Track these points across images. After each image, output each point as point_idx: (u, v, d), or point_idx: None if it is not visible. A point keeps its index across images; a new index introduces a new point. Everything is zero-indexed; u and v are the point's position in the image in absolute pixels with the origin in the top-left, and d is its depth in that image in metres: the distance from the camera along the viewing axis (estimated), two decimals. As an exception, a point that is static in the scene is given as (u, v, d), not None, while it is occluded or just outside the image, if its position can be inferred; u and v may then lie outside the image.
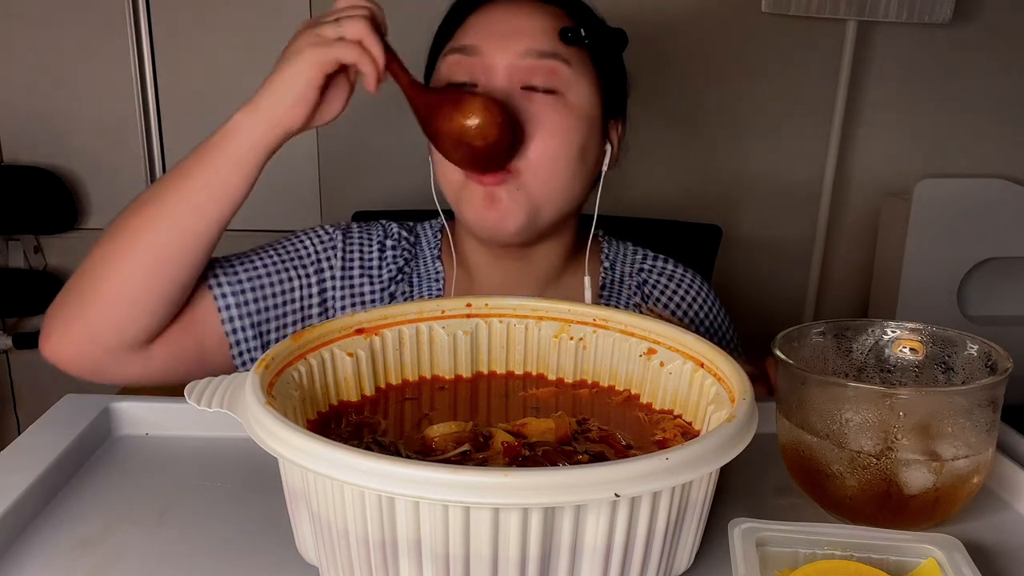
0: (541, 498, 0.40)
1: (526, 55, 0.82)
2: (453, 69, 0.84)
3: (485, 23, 0.85)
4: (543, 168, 0.83)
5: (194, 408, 0.51)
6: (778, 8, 1.78)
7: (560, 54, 0.83)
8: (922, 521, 0.56)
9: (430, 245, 0.98)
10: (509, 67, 0.82)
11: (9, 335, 1.87)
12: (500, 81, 0.82)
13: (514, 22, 0.84)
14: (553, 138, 0.82)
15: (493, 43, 0.83)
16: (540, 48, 0.83)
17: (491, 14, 0.85)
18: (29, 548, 0.52)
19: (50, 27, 1.80)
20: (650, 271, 1.00)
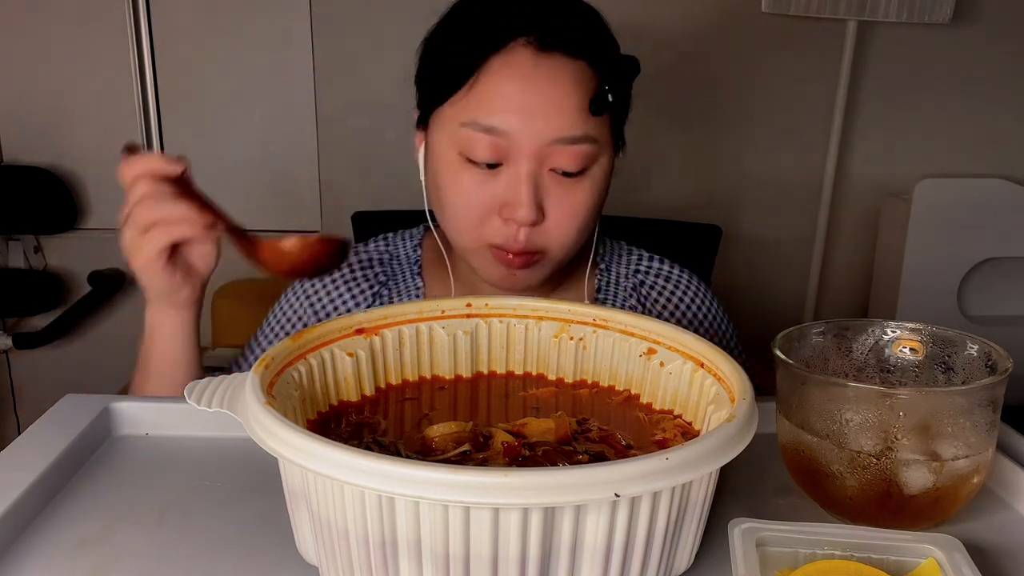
0: (541, 498, 0.40)
1: (558, 141, 0.79)
2: (477, 148, 0.79)
3: (511, 94, 0.78)
4: (564, 246, 0.84)
5: (194, 408, 0.51)
6: (778, 8, 1.78)
7: (590, 134, 0.80)
8: (922, 521, 0.56)
9: (409, 260, 0.97)
10: (538, 151, 0.79)
11: (9, 335, 1.87)
12: (527, 163, 0.79)
13: (544, 97, 0.78)
14: (577, 217, 0.83)
15: (524, 127, 0.78)
16: (572, 134, 0.79)
17: (515, 78, 0.78)
18: (29, 548, 0.52)
19: (50, 27, 1.80)
20: (647, 272, 0.99)
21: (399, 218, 1.03)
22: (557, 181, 0.81)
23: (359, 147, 1.89)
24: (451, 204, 0.84)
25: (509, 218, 0.81)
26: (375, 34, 1.78)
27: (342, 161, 1.91)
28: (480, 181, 0.81)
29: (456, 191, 0.82)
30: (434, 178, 0.85)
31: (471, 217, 0.82)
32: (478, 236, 0.83)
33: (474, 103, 0.80)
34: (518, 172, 0.80)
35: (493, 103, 0.79)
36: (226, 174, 1.92)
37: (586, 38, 0.82)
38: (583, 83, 0.80)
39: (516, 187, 0.80)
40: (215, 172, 1.92)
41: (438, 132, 0.84)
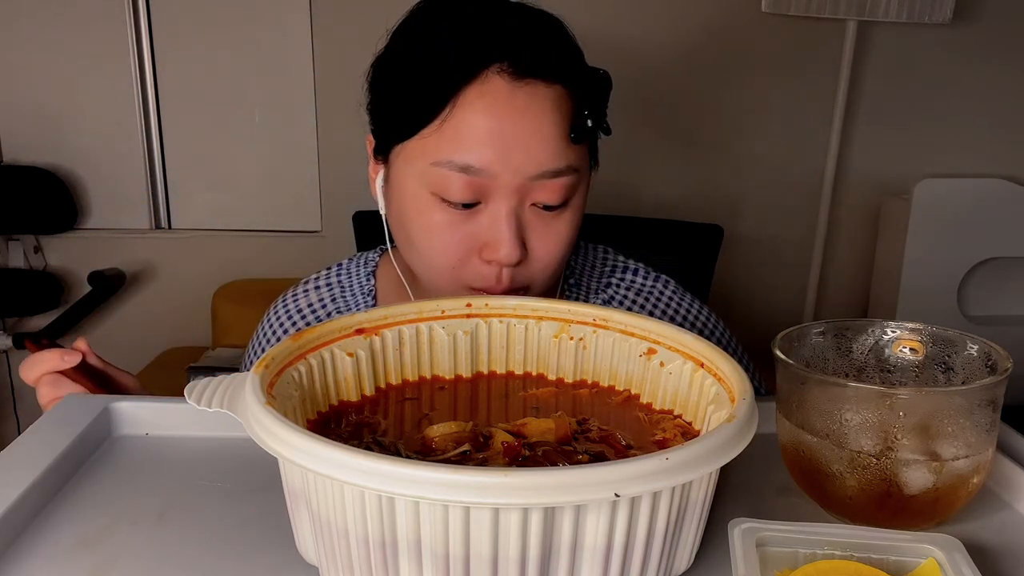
0: (541, 498, 0.40)
1: (540, 176, 0.74)
2: (452, 188, 0.74)
3: (487, 131, 0.73)
4: (546, 279, 0.80)
5: (194, 408, 0.51)
6: (778, 8, 1.79)
7: (572, 164, 0.76)
8: (922, 521, 0.56)
9: (363, 291, 0.92)
10: (519, 188, 0.74)
11: (9, 335, 1.87)
12: (507, 201, 0.75)
13: (521, 130, 0.73)
14: (559, 251, 0.79)
15: (503, 164, 0.73)
16: (556, 167, 0.74)
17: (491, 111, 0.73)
18: (29, 548, 0.52)
19: (50, 27, 1.81)
20: (617, 286, 0.94)
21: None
22: (539, 215, 0.77)
23: (359, 147, 1.88)
24: (424, 246, 0.78)
25: (491, 259, 0.76)
26: (375, 34, 1.78)
27: (342, 161, 1.91)
28: (456, 222, 0.75)
29: (429, 233, 0.77)
30: (400, 215, 0.80)
31: (448, 261, 0.77)
32: (456, 278, 0.78)
33: (447, 140, 0.73)
34: (498, 211, 0.75)
35: (469, 139, 0.73)
36: (226, 174, 1.92)
37: (560, 60, 0.77)
38: (561, 110, 0.75)
39: (497, 227, 0.75)
40: (215, 172, 1.92)
41: (403, 167, 0.78)
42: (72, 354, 0.76)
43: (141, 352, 1.83)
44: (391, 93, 0.79)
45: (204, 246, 1.95)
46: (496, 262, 0.76)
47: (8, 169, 1.84)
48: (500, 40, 0.74)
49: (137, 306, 1.97)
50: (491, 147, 0.73)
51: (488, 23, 0.76)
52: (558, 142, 0.74)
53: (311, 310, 0.92)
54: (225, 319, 1.84)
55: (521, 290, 0.79)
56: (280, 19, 1.83)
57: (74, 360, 0.75)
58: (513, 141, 0.73)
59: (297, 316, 0.92)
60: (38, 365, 0.76)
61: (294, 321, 0.92)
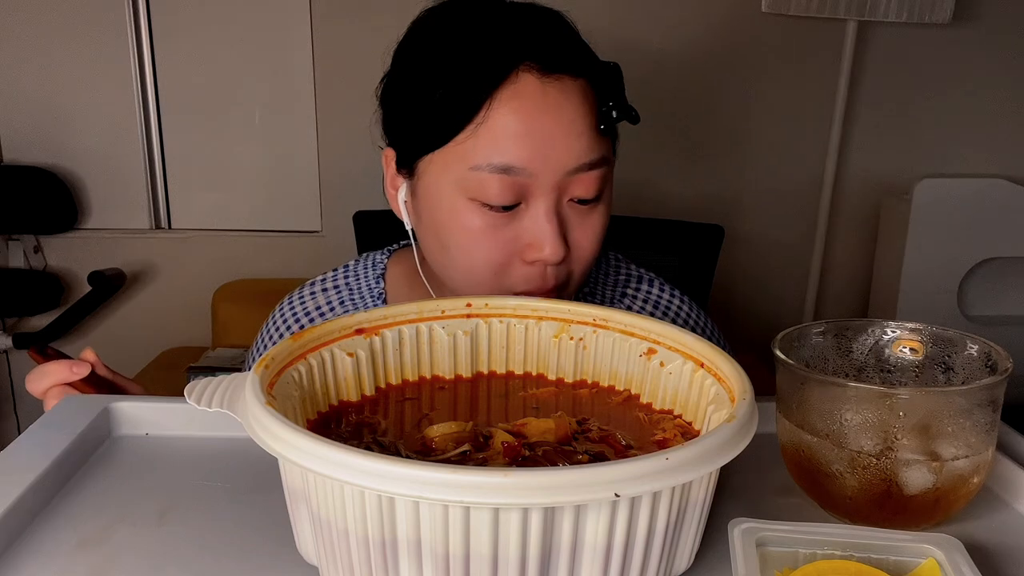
0: (541, 498, 0.40)
1: (577, 171, 0.75)
2: (492, 191, 0.73)
3: (524, 129, 0.73)
4: (584, 270, 0.81)
5: (194, 408, 0.51)
6: (778, 8, 1.79)
7: (604, 156, 0.77)
8: (922, 521, 0.56)
9: (372, 295, 0.91)
10: (558, 184, 0.75)
11: (9, 335, 1.87)
12: (548, 198, 0.75)
13: (557, 124, 0.74)
14: (597, 240, 0.80)
15: (542, 161, 0.73)
16: (591, 159, 0.75)
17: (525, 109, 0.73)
18: (29, 548, 0.52)
19: (50, 27, 1.81)
20: (633, 297, 0.95)
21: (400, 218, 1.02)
22: (576, 210, 0.77)
23: (359, 147, 1.89)
24: (463, 254, 0.77)
25: (535, 259, 0.76)
26: (375, 33, 1.78)
27: (342, 161, 1.91)
28: (497, 226, 0.75)
29: (470, 241, 0.76)
30: (435, 226, 0.79)
31: (491, 267, 0.77)
32: (498, 285, 0.78)
33: (484, 143, 0.73)
34: (539, 209, 0.75)
35: (507, 140, 0.73)
36: (226, 174, 1.92)
37: (581, 54, 0.78)
38: (588, 102, 0.76)
39: (540, 226, 0.75)
40: (215, 172, 1.92)
41: (437, 177, 0.77)
42: (81, 365, 0.75)
43: (141, 352, 1.83)
44: (417, 105, 0.77)
45: (204, 246, 1.95)
46: (540, 261, 0.76)
47: (8, 169, 1.84)
48: (526, 38, 0.75)
49: (137, 306, 1.97)
50: (529, 146, 0.73)
51: (511, 23, 0.77)
52: (590, 135, 0.75)
53: (319, 313, 0.91)
54: (225, 319, 1.84)
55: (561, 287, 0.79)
56: (280, 19, 1.83)
57: (83, 372, 0.74)
58: (549, 138, 0.73)
59: (305, 319, 0.91)
60: (46, 377, 0.74)
61: (301, 324, 0.91)
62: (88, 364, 0.75)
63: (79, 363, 0.75)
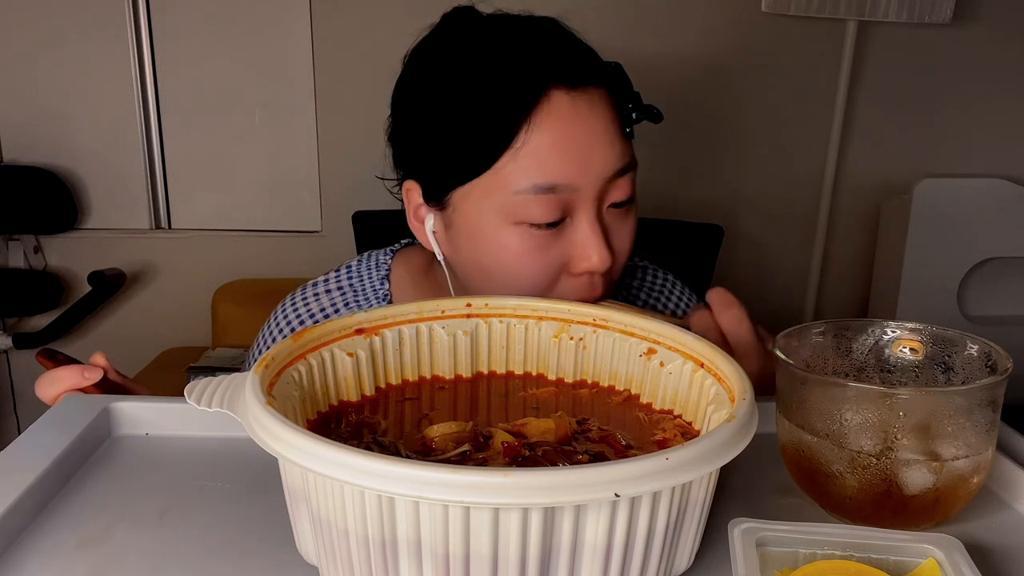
0: (541, 498, 0.40)
1: (614, 177, 0.77)
2: (539, 211, 0.74)
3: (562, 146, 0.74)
4: (622, 267, 0.83)
5: (194, 408, 0.51)
6: (778, 8, 1.79)
7: (632, 158, 0.79)
8: (922, 521, 0.56)
9: (377, 296, 0.91)
10: (597, 193, 0.77)
11: (9, 335, 1.87)
12: (590, 209, 0.77)
13: (590, 136, 0.75)
14: (632, 241, 0.82)
15: (582, 174, 0.75)
16: (624, 164, 0.78)
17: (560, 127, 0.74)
18: (29, 548, 0.52)
19: (50, 28, 1.80)
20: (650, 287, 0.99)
21: (399, 218, 1.02)
22: (613, 215, 0.79)
23: (359, 147, 1.89)
24: (513, 277, 0.78)
25: (583, 271, 0.77)
26: (376, 33, 1.78)
27: (342, 161, 1.91)
28: (544, 245, 0.76)
29: (518, 263, 0.77)
30: (477, 255, 0.79)
31: (538, 284, 0.78)
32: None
33: (525, 166, 0.74)
34: (583, 221, 0.77)
35: (549, 159, 0.74)
36: (226, 174, 1.92)
37: (598, 63, 0.79)
38: (612, 109, 0.78)
39: (586, 237, 0.76)
40: (215, 172, 1.92)
41: (476, 206, 0.77)
42: (93, 371, 0.74)
43: (141, 352, 1.83)
44: (446, 138, 0.78)
45: (204, 246, 1.95)
46: (588, 272, 0.77)
47: (8, 169, 1.84)
48: (551, 57, 0.76)
49: (137, 306, 1.97)
50: (570, 161, 0.74)
51: (531, 43, 0.77)
52: (620, 140, 0.78)
53: (324, 315, 0.90)
54: (225, 319, 1.84)
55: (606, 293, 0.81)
56: (280, 20, 1.83)
57: (95, 377, 0.73)
58: (587, 150, 0.75)
59: (308, 320, 0.90)
60: (57, 383, 0.73)
61: (304, 324, 0.90)
62: (100, 369, 0.74)
63: (91, 368, 0.74)
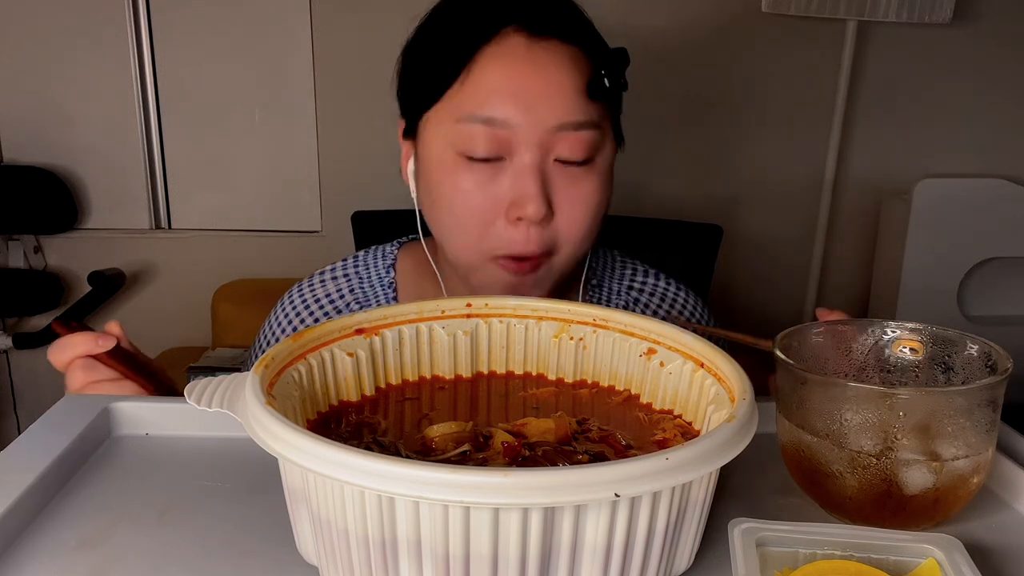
0: (541, 498, 0.40)
1: (561, 128, 0.76)
2: (477, 142, 0.76)
3: (508, 82, 0.75)
4: (573, 244, 0.80)
5: (194, 408, 0.51)
6: (778, 8, 1.78)
7: (592, 119, 0.77)
8: (922, 521, 0.56)
9: (382, 284, 0.92)
10: (542, 140, 0.76)
11: (9, 335, 1.87)
12: (531, 154, 0.76)
13: (542, 81, 0.75)
14: (587, 212, 0.79)
15: (525, 115, 0.75)
16: (575, 119, 0.76)
17: (511, 64, 0.75)
18: (29, 548, 0.52)
19: (50, 27, 1.80)
20: (640, 290, 0.96)
21: (399, 218, 1.02)
22: (563, 172, 0.77)
23: (359, 147, 1.89)
24: (450, 212, 0.79)
25: (518, 217, 0.77)
26: (375, 33, 1.78)
27: (342, 161, 1.91)
28: (482, 182, 0.77)
29: (455, 196, 0.78)
30: (428, 188, 0.81)
31: (474, 224, 0.78)
32: (483, 248, 0.79)
33: (469, 95, 0.76)
34: (522, 164, 0.76)
35: (490, 93, 0.75)
36: (226, 174, 1.92)
37: (573, 21, 0.80)
38: (579, 68, 0.77)
39: (522, 181, 0.76)
40: (215, 172, 1.92)
41: (430, 135, 0.80)
42: (107, 338, 0.73)
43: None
44: (414, 68, 0.82)
45: (204, 246, 1.95)
46: (524, 220, 0.77)
47: (8, 169, 1.84)
48: (514, 2, 0.78)
49: (137, 306, 1.97)
50: (511, 99, 0.75)
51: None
52: (577, 96, 0.76)
53: (328, 300, 0.91)
54: (225, 319, 1.84)
55: (547, 255, 0.79)
56: (280, 20, 1.83)
57: (109, 344, 0.73)
58: (533, 93, 0.75)
59: (315, 306, 0.91)
60: (70, 348, 0.72)
61: (311, 311, 0.91)
62: (113, 338, 0.73)
63: (104, 336, 0.73)
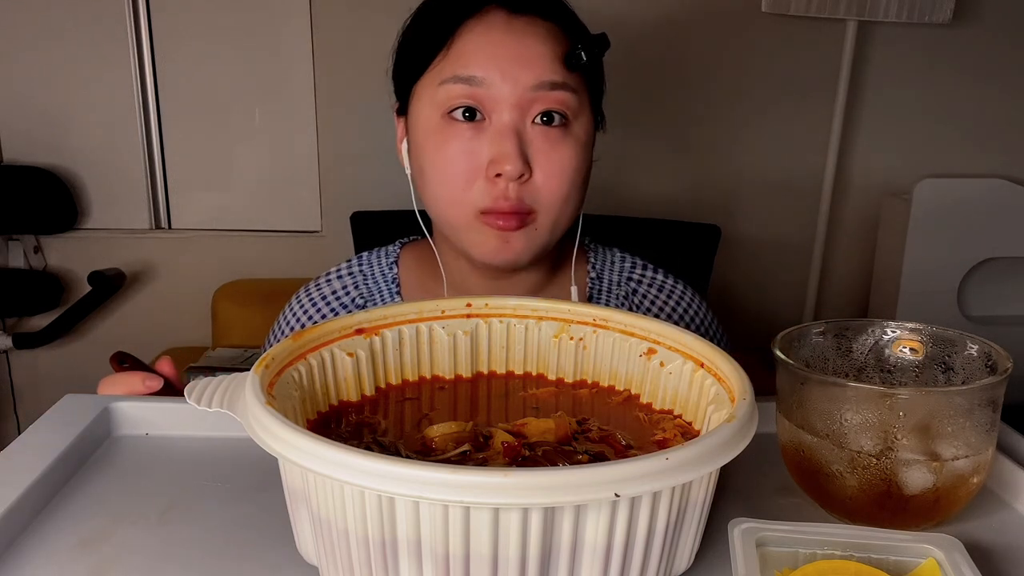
0: (541, 498, 0.40)
1: (537, 88, 0.80)
2: (458, 100, 0.81)
3: (487, 46, 0.81)
4: (555, 206, 0.83)
5: (194, 408, 0.51)
6: (778, 8, 1.79)
7: (568, 83, 0.82)
8: (922, 521, 0.56)
9: (385, 279, 0.96)
10: (519, 100, 0.80)
11: (9, 335, 1.87)
12: (509, 114, 0.80)
13: (519, 47, 0.81)
14: (565, 174, 0.82)
15: (502, 75, 0.80)
16: (551, 79, 0.81)
17: (490, 33, 0.81)
18: (29, 548, 0.52)
19: (50, 28, 1.80)
20: (639, 281, 0.98)
21: (398, 218, 1.03)
22: (541, 134, 0.81)
23: (359, 147, 1.89)
24: (436, 173, 0.83)
25: (497, 173, 0.80)
26: (375, 33, 1.78)
27: (342, 161, 1.91)
28: (464, 141, 0.81)
29: (440, 157, 0.82)
30: (418, 158, 0.85)
31: (457, 182, 0.82)
32: (466, 202, 0.82)
33: (452, 60, 0.81)
34: (501, 124, 0.80)
35: (471, 57, 0.81)
36: (226, 174, 1.92)
37: (557, 5, 0.85)
38: (557, 41, 0.82)
39: (500, 140, 0.80)
40: (215, 172, 1.92)
41: (418, 104, 0.84)
42: (154, 379, 0.75)
43: (141, 352, 1.82)
44: (406, 43, 0.88)
45: (204, 246, 1.95)
46: (503, 177, 0.80)
47: (8, 169, 1.84)
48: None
49: (137, 306, 1.97)
50: (491, 61, 0.80)
51: None
52: (553, 61, 0.81)
53: (335, 296, 0.96)
54: (225, 319, 1.84)
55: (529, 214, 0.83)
56: (280, 19, 1.83)
57: (155, 387, 0.74)
58: (512, 56, 0.81)
59: (321, 303, 0.95)
60: (118, 386, 0.75)
61: (318, 307, 0.95)
62: (161, 379, 0.75)
63: (152, 377, 0.75)
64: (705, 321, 1.00)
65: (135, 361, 0.79)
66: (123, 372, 0.76)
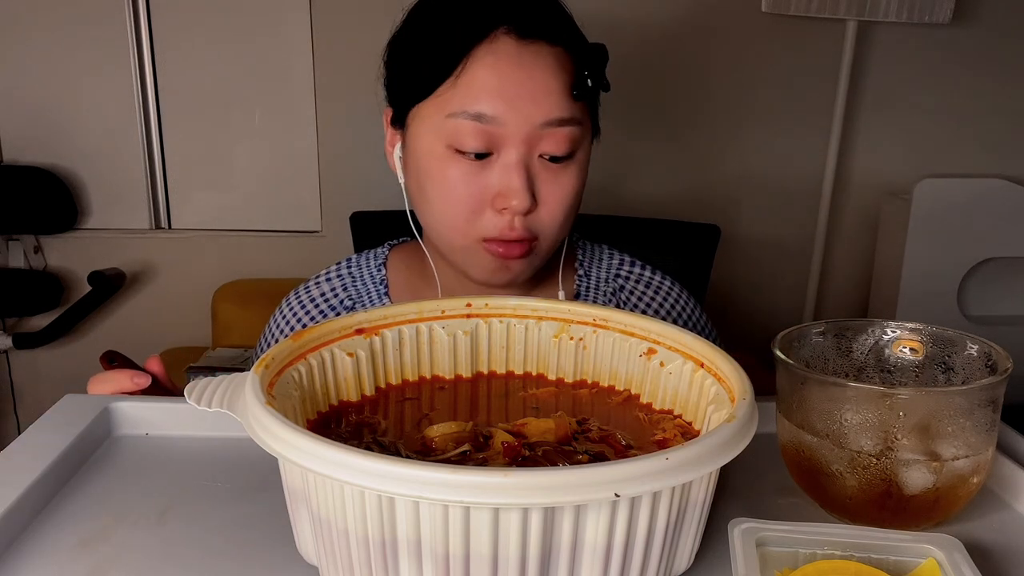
0: (541, 498, 0.40)
1: (546, 125, 0.80)
2: (467, 137, 0.79)
3: (497, 80, 0.79)
4: (555, 231, 0.85)
5: (194, 408, 0.51)
6: (778, 8, 1.78)
7: (575, 116, 0.82)
8: (922, 521, 0.56)
9: (374, 281, 0.96)
10: (528, 136, 0.80)
11: (9, 335, 1.87)
12: (517, 149, 0.80)
13: (530, 81, 0.80)
14: (566, 202, 0.83)
15: (513, 112, 0.79)
16: (559, 116, 0.80)
17: (500, 65, 0.79)
18: (29, 548, 0.52)
19: (50, 28, 1.80)
20: (627, 277, 0.99)
21: (398, 218, 1.02)
22: (546, 167, 0.82)
23: (359, 147, 1.89)
24: (440, 199, 0.83)
25: (503, 208, 0.81)
26: (375, 33, 1.78)
27: (342, 161, 1.91)
28: (470, 173, 0.81)
29: (445, 186, 0.82)
30: (417, 176, 0.85)
31: (462, 211, 0.82)
32: (469, 232, 0.82)
33: (461, 93, 0.80)
34: (509, 160, 0.80)
35: (481, 91, 0.79)
36: (226, 174, 1.92)
37: (560, 24, 0.84)
38: (564, 68, 0.81)
39: (509, 175, 0.80)
40: (215, 172, 1.92)
41: (420, 127, 0.83)
42: (142, 376, 0.75)
43: (141, 352, 1.82)
44: (406, 61, 0.85)
45: (204, 246, 1.95)
46: (509, 210, 0.81)
47: (8, 169, 1.83)
48: (506, 4, 0.82)
49: (137, 306, 1.97)
50: (501, 97, 0.79)
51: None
52: (561, 95, 0.81)
53: (323, 299, 0.96)
54: (225, 319, 1.84)
55: (531, 241, 0.83)
56: (280, 19, 1.83)
57: (143, 384, 0.75)
58: (522, 92, 0.79)
59: (311, 305, 0.95)
60: (107, 384, 0.75)
61: (307, 310, 0.95)
62: (148, 377, 0.76)
63: (140, 374, 0.75)
64: (693, 317, 1.00)
65: (124, 360, 0.80)
66: (112, 370, 0.76)
